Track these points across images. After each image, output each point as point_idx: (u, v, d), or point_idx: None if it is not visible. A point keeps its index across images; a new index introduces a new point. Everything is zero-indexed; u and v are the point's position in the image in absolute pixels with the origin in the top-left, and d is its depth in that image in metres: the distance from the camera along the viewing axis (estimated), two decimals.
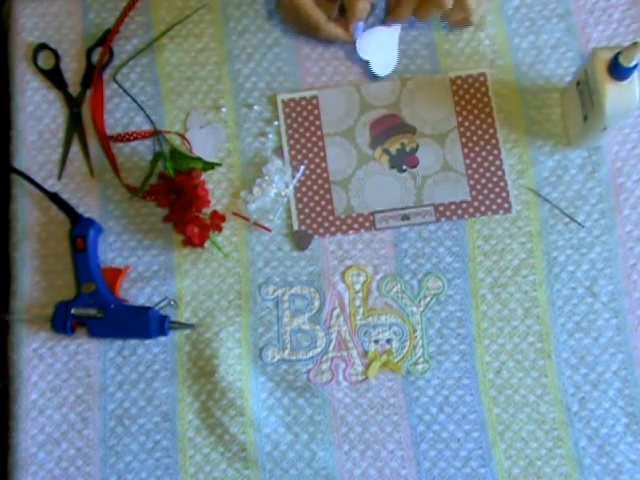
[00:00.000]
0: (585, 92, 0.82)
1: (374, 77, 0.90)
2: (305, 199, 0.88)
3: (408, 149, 0.89)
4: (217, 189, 0.89)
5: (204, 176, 0.88)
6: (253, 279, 0.86)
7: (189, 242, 0.84)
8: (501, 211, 0.87)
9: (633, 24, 0.92)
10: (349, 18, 0.87)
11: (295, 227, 0.87)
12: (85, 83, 0.91)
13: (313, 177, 0.89)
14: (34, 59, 0.92)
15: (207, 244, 0.85)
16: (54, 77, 0.92)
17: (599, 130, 0.83)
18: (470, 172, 0.88)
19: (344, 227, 0.87)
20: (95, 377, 0.84)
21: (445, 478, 0.82)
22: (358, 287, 0.86)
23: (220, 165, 0.89)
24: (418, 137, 0.89)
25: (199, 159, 0.88)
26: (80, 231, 0.85)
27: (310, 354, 0.85)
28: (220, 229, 0.86)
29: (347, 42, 0.90)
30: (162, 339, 0.85)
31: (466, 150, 0.89)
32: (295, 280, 0.86)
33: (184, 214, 0.84)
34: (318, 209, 0.88)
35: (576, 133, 0.87)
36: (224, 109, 0.91)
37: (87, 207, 0.88)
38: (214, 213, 0.86)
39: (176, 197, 0.85)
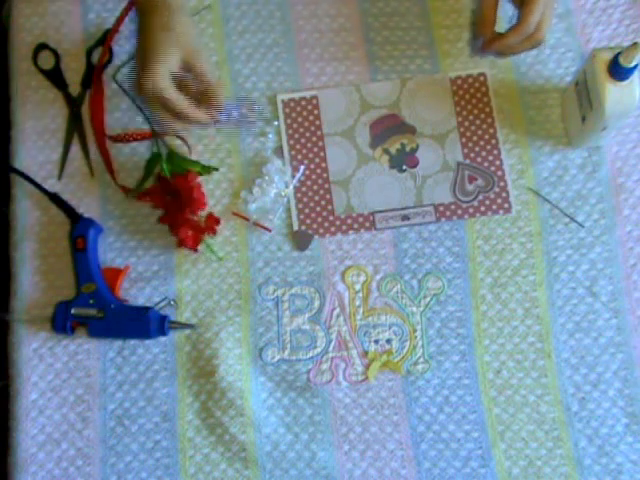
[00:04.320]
0: (583, 92, 0.82)
1: None
2: (305, 199, 0.88)
3: (408, 149, 0.89)
4: (217, 189, 0.88)
5: (204, 176, 0.87)
6: (253, 279, 0.86)
7: (182, 244, 0.84)
8: (501, 211, 0.87)
9: (633, 24, 0.92)
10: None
11: (295, 227, 0.87)
12: (85, 83, 0.91)
13: (313, 177, 0.89)
14: (34, 59, 0.92)
15: (202, 247, 0.85)
16: (54, 77, 0.92)
17: (599, 130, 0.83)
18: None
19: (344, 227, 0.87)
20: (95, 377, 0.84)
21: (445, 478, 0.82)
22: (358, 287, 0.86)
23: (217, 170, 0.88)
24: (418, 137, 0.89)
25: (197, 162, 0.87)
26: (80, 231, 0.85)
27: (310, 354, 0.84)
28: (214, 232, 0.85)
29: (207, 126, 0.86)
30: (162, 339, 0.85)
31: (466, 150, 0.89)
32: (295, 280, 0.86)
33: (178, 216, 0.83)
34: (318, 209, 0.88)
35: (576, 133, 0.87)
36: None
37: (87, 207, 0.88)
38: (209, 216, 0.85)
39: (171, 199, 0.85)
